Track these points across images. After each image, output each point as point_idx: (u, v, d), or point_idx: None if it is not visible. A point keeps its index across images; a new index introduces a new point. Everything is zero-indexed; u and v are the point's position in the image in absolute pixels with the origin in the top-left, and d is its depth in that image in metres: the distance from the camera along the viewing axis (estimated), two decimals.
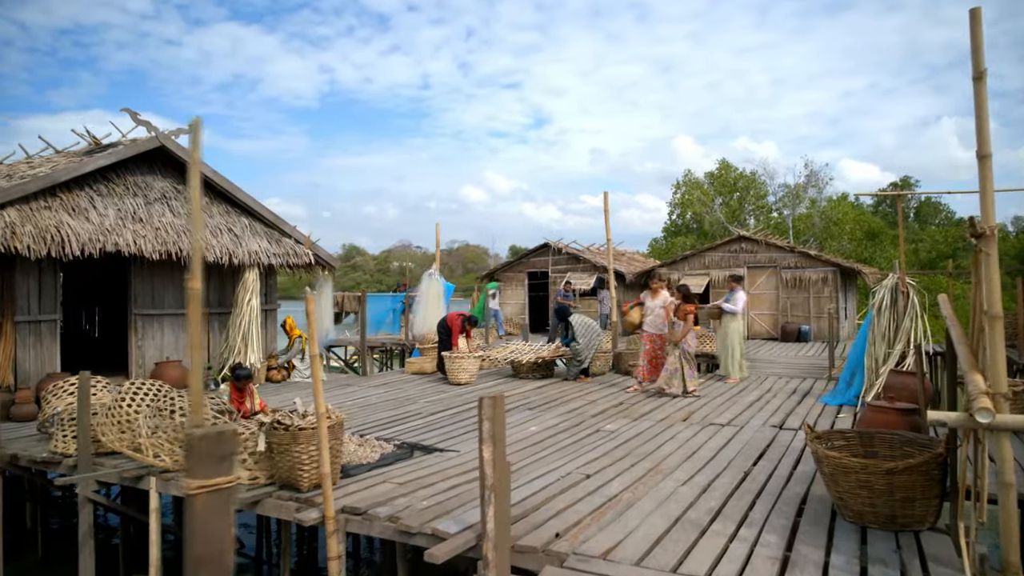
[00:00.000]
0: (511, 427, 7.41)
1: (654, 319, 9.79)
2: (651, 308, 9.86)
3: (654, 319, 9.79)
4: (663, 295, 9.81)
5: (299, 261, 11.36)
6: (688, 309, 9.21)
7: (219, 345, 10.81)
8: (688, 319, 9.16)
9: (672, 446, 6.38)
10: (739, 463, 5.70)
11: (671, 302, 9.49)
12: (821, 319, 18.05)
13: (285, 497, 4.95)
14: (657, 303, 9.79)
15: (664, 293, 9.86)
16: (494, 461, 2.55)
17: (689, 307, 9.24)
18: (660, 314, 9.65)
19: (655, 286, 9.98)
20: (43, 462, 6.36)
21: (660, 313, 9.65)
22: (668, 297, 9.71)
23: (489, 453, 2.54)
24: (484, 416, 2.52)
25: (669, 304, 9.48)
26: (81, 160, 8.90)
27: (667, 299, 9.66)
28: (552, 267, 22.66)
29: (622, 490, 4.98)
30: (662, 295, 9.82)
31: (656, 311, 9.76)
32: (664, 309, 9.56)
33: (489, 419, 2.52)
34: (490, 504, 2.57)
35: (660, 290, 9.93)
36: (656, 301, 9.82)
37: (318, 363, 4.48)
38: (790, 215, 38.39)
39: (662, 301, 9.71)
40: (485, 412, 2.52)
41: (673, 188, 43.01)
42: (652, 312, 9.83)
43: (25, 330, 8.46)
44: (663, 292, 9.89)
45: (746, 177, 41.22)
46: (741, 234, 20.24)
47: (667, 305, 9.51)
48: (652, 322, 9.81)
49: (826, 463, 4.06)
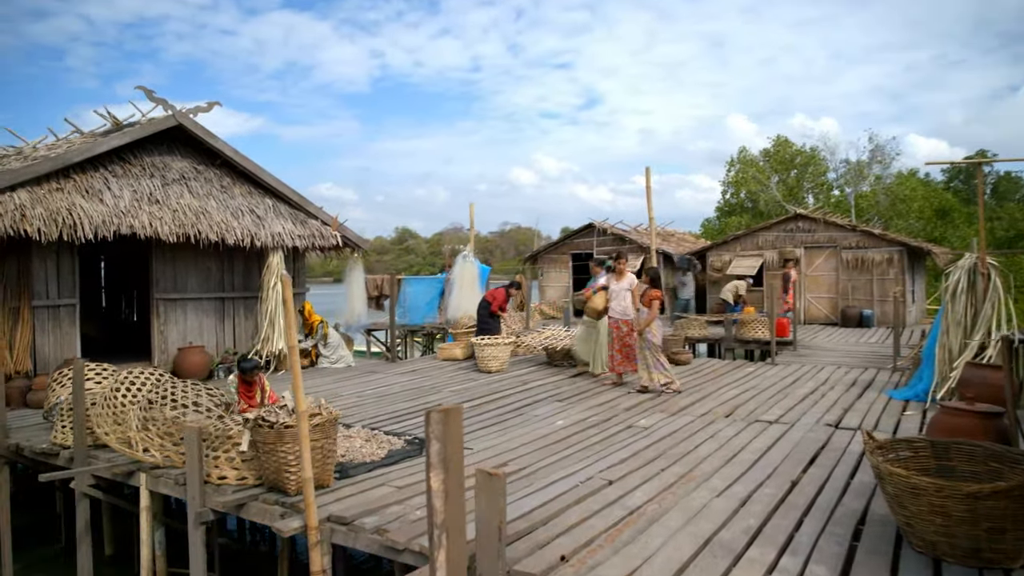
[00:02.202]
0: (536, 421, 6.84)
1: (619, 304, 8.74)
2: (616, 292, 8.79)
3: (619, 304, 8.74)
4: (629, 277, 8.72)
5: (325, 243, 10.97)
6: (653, 295, 8.28)
7: (245, 331, 10.55)
8: (653, 306, 8.23)
9: (710, 447, 5.69)
10: (786, 469, 4.98)
11: (637, 285, 8.52)
12: (886, 303, 16.79)
13: (271, 501, 4.51)
14: (623, 286, 8.71)
15: (631, 275, 8.76)
16: (445, 492, 1.97)
17: (655, 292, 8.31)
18: (627, 297, 8.63)
19: (620, 267, 8.78)
20: (43, 453, 6.12)
21: (627, 296, 8.63)
22: (635, 280, 8.65)
23: (439, 481, 1.96)
24: (432, 435, 1.93)
25: (636, 287, 8.51)
26: (95, 140, 8.65)
27: (633, 281, 8.61)
28: (597, 248, 21.86)
29: (646, 501, 4.35)
30: (628, 277, 8.73)
31: (622, 294, 8.72)
32: (631, 292, 8.56)
33: (439, 439, 1.94)
34: (440, 548, 1.99)
35: (626, 271, 8.83)
36: (622, 284, 8.72)
37: (296, 354, 3.98)
38: (852, 193, 36.33)
39: (628, 284, 8.62)
40: (434, 429, 1.94)
41: (727, 166, 41.36)
42: (617, 296, 8.77)
43: (43, 315, 8.30)
44: (629, 274, 8.79)
45: (805, 153, 39.16)
46: (798, 212, 19.01)
47: (634, 288, 8.53)
48: (618, 307, 8.75)
49: (890, 481, 3.33)
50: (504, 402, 7.85)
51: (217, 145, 9.86)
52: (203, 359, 9.48)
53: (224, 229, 9.28)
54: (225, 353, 10.16)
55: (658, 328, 8.39)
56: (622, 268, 8.79)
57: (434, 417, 2.01)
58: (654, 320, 8.26)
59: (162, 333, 9.48)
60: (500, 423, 6.80)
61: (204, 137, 9.71)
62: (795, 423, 6.48)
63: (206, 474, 4.74)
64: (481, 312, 11.56)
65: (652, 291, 8.34)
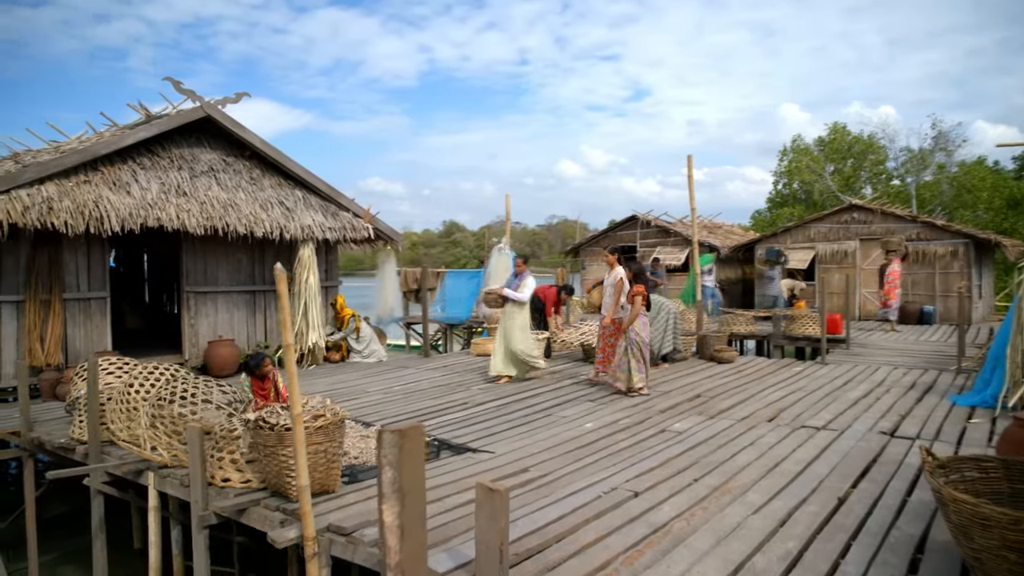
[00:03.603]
0: (564, 423, 6.48)
1: (606, 299, 8.22)
2: (605, 287, 8.27)
3: (606, 299, 8.22)
4: (616, 271, 8.09)
5: (357, 235, 10.79)
6: (636, 290, 7.71)
7: (277, 324, 10.45)
8: (636, 302, 7.67)
9: (750, 455, 5.22)
10: (833, 484, 4.49)
11: (620, 279, 7.94)
12: (949, 298, 15.78)
13: (272, 507, 4.26)
14: (609, 281, 8.15)
15: (618, 268, 8.09)
16: (401, 528, 1.64)
17: (637, 288, 7.72)
18: (611, 293, 8.07)
19: (609, 259, 8.24)
20: (62, 448, 6.05)
21: (612, 292, 8.06)
22: (620, 273, 8.01)
23: (392, 515, 1.63)
24: (385, 459, 1.60)
25: (619, 281, 7.92)
26: (123, 132, 8.61)
27: (618, 275, 8.00)
28: (640, 241, 21.28)
29: (674, 517, 3.94)
30: (615, 271, 8.09)
31: (608, 289, 8.16)
32: (614, 287, 7.98)
33: (393, 465, 1.60)
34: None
35: (614, 264, 8.18)
36: (609, 278, 8.18)
37: (292, 353, 3.71)
38: (913, 182, 34.59)
39: (613, 278, 8.06)
40: (386, 453, 1.60)
41: (779, 156, 39.93)
42: (606, 291, 8.24)
43: (74, 308, 8.32)
44: (618, 267, 8.13)
45: (863, 141, 37.47)
46: (853, 203, 18.05)
47: (617, 282, 7.95)
48: (607, 303, 8.22)
49: (954, 509, 2.86)
50: (533, 401, 7.50)
51: (246, 136, 9.76)
52: (233, 353, 9.41)
53: (253, 221, 9.17)
54: (256, 347, 10.08)
55: (643, 325, 7.84)
56: (612, 262, 8.20)
57: (386, 439, 1.67)
58: (637, 317, 7.73)
59: (193, 326, 9.44)
60: (526, 424, 6.46)
61: (233, 128, 9.61)
62: (845, 430, 5.94)
63: (210, 476, 4.54)
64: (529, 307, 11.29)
65: (634, 286, 7.80)
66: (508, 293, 8.46)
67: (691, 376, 8.98)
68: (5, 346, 7.85)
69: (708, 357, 10.31)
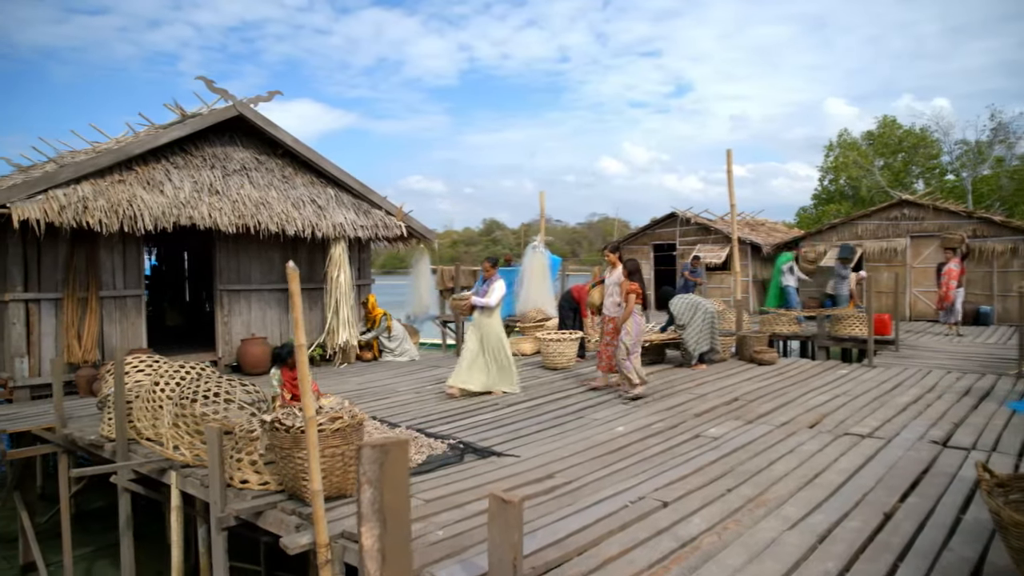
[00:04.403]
0: (596, 425, 6.27)
1: (609, 299, 7.94)
2: (607, 286, 7.99)
3: (609, 299, 7.94)
4: (618, 271, 7.83)
5: (390, 233, 10.74)
6: (630, 288, 7.44)
7: (309, 322, 10.46)
8: (629, 300, 7.40)
9: (788, 464, 4.94)
10: (878, 497, 4.19)
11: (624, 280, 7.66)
12: (1008, 298, 14.99)
13: (288, 510, 4.17)
14: (612, 280, 7.89)
15: (620, 268, 7.88)
16: (382, 553, 1.48)
17: (631, 286, 7.46)
18: (615, 292, 7.81)
19: (609, 258, 7.98)
20: (92, 444, 6.10)
21: (615, 291, 7.80)
22: (620, 273, 7.77)
23: (372, 538, 1.48)
24: (365, 478, 1.44)
25: (623, 281, 7.64)
26: (157, 132, 8.70)
27: (620, 276, 7.74)
28: (680, 239, 20.83)
29: (704, 531, 3.71)
30: (617, 270, 7.83)
31: (611, 289, 7.90)
32: (618, 287, 7.70)
33: (374, 483, 1.45)
34: None
35: (616, 263, 7.90)
36: (612, 277, 7.91)
37: (304, 354, 3.59)
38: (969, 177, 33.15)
39: (616, 278, 7.83)
40: (366, 471, 1.45)
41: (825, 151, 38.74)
42: (608, 291, 7.96)
43: (110, 305, 8.44)
44: (619, 265, 7.87)
45: (914, 134, 36.07)
46: (903, 198, 17.31)
47: (621, 282, 7.67)
48: (609, 302, 7.95)
49: (1016, 534, 2.57)
50: (565, 403, 7.31)
51: (278, 135, 9.78)
52: (265, 351, 9.43)
53: (284, 220, 9.17)
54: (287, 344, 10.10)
55: (635, 324, 7.55)
56: (614, 260, 7.94)
57: (366, 455, 1.52)
58: (630, 316, 7.47)
59: (226, 324, 9.50)
60: (556, 426, 6.28)
61: (265, 127, 9.64)
62: (892, 438, 5.59)
63: (229, 477, 4.47)
64: (563, 305, 11.08)
65: (628, 284, 7.54)
66: (476, 300, 7.73)
67: (729, 378, 8.65)
68: (44, 343, 7.99)
69: (748, 358, 9.96)
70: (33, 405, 7.74)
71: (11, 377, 7.85)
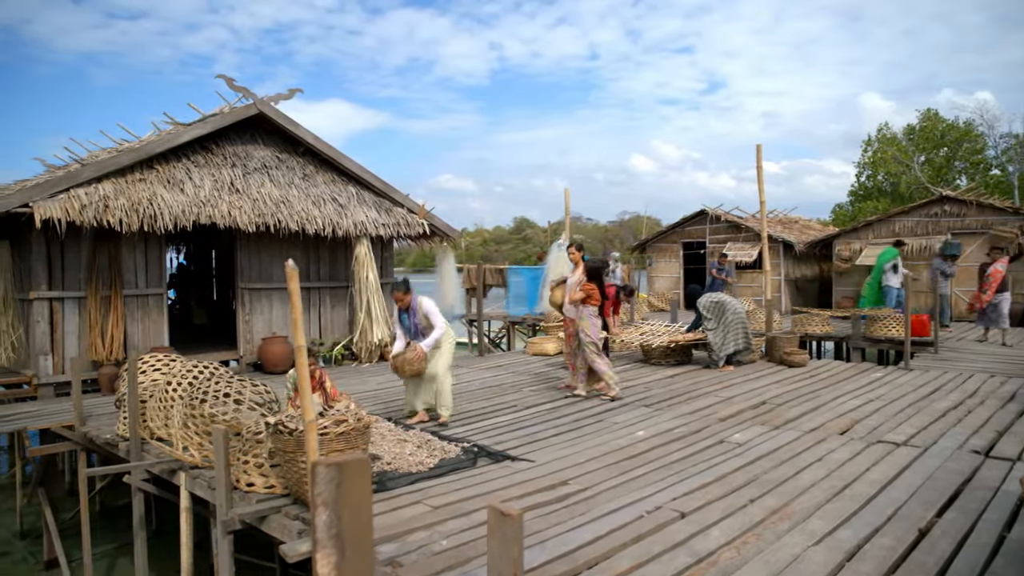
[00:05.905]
0: (615, 429, 6.08)
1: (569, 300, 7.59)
2: (569, 287, 7.58)
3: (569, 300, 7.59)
4: (580, 270, 7.47)
5: (411, 232, 10.65)
6: (584, 288, 7.18)
7: (331, 321, 10.43)
8: (588, 300, 7.20)
9: (815, 473, 4.68)
10: (913, 511, 3.92)
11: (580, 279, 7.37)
12: None
13: (292, 515, 4.06)
14: (573, 280, 7.51)
15: (582, 268, 7.50)
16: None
17: (587, 286, 7.19)
18: (576, 293, 7.45)
19: (573, 256, 7.59)
20: (107, 443, 6.10)
21: (577, 292, 7.43)
22: (581, 272, 7.43)
23: (329, 566, 1.33)
24: (320, 498, 1.30)
25: (584, 282, 7.35)
26: (178, 130, 8.72)
27: (582, 276, 7.41)
28: (710, 236, 20.42)
29: (722, 545, 3.50)
30: (579, 270, 7.50)
31: (573, 290, 7.51)
32: (579, 288, 7.37)
33: (330, 505, 1.30)
34: None
35: (579, 261, 7.52)
36: (573, 278, 7.53)
37: (303, 355, 3.47)
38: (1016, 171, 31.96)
39: (578, 278, 7.46)
40: (322, 491, 1.30)
41: (863, 146, 37.73)
42: (569, 292, 7.57)
43: (133, 304, 8.49)
44: (581, 266, 7.49)
45: (957, 128, 34.91)
46: (945, 194, 16.68)
47: (580, 281, 7.37)
48: (568, 305, 7.59)
49: None
50: (585, 405, 7.12)
51: (299, 133, 9.76)
52: (286, 349, 9.42)
53: (305, 218, 9.14)
54: (311, 344, 10.08)
55: (592, 327, 7.28)
56: (576, 257, 7.58)
57: (321, 474, 1.37)
58: (587, 319, 7.27)
59: (247, 323, 9.51)
60: (574, 430, 6.09)
61: (286, 125, 9.62)
62: (930, 447, 5.28)
63: (235, 479, 4.39)
64: None
65: (586, 284, 7.28)
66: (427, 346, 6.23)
67: (757, 380, 8.36)
68: (68, 341, 8.07)
69: (777, 360, 9.64)
70: (56, 402, 7.81)
71: (36, 374, 7.94)
